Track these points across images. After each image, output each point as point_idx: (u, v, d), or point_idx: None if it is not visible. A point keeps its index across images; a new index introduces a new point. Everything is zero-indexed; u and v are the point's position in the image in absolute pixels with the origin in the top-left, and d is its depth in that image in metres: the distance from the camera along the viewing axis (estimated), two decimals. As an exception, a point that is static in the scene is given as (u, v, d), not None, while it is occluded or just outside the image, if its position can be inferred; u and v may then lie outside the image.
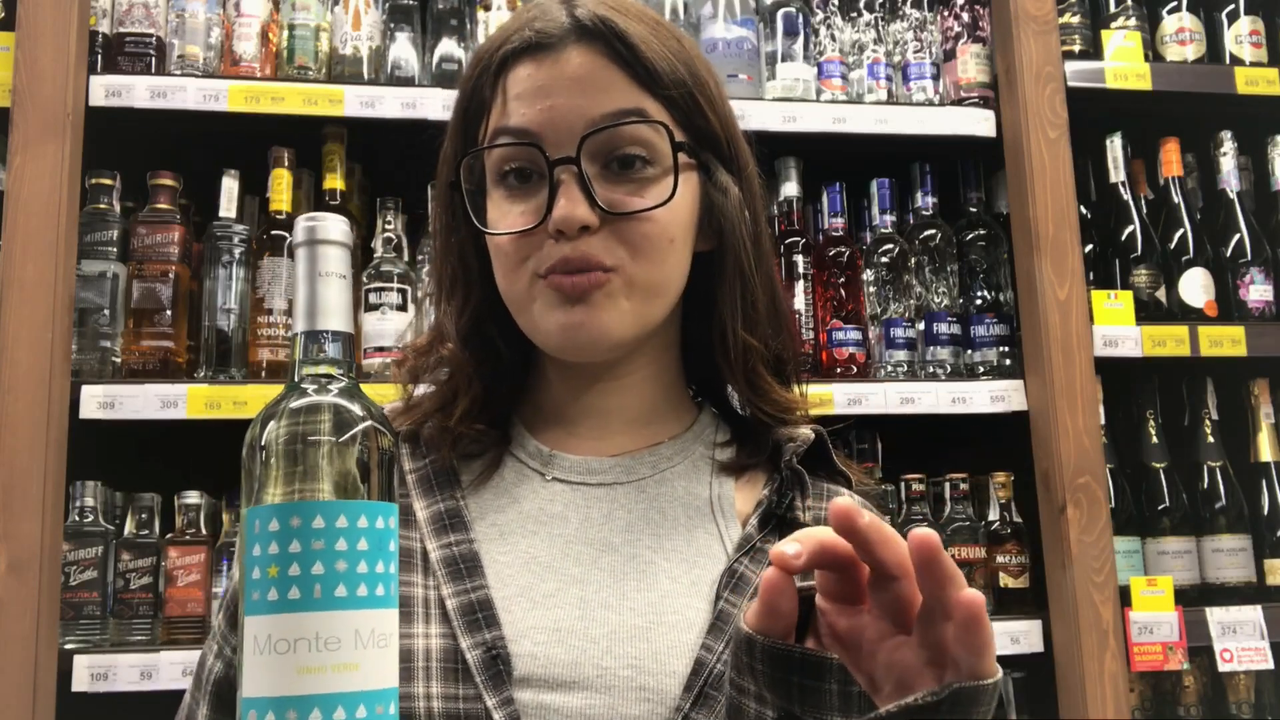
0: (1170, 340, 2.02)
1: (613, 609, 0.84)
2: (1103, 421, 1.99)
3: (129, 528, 1.78)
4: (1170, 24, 2.22)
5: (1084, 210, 2.12)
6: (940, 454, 2.07)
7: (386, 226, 1.95)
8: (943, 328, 2.04)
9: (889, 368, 2.02)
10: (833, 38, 2.14)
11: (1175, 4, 2.23)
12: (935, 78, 2.13)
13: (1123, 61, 2.12)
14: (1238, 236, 2.15)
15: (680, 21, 2.07)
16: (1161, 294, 2.12)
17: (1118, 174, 2.17)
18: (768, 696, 0.67)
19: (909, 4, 2.17)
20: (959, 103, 2.11)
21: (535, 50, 0.87)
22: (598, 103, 0.85)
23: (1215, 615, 1.92)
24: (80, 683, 1.64)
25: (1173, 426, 2.15)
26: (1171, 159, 2.19)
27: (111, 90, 1.83)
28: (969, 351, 2.05)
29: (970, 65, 2.11)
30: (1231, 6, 2.23)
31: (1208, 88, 2.16)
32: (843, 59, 2.12)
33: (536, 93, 0.86)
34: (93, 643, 1.71)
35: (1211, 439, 2.12)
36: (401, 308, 1.88)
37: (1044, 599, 1.95)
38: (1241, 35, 2.21)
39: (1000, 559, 1.97)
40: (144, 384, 1.74)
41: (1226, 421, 2.14)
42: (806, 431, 0.96)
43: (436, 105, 1.90)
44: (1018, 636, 1.90)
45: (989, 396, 1.97)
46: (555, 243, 0.85)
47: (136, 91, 1.83)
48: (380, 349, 1.85)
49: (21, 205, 1.73)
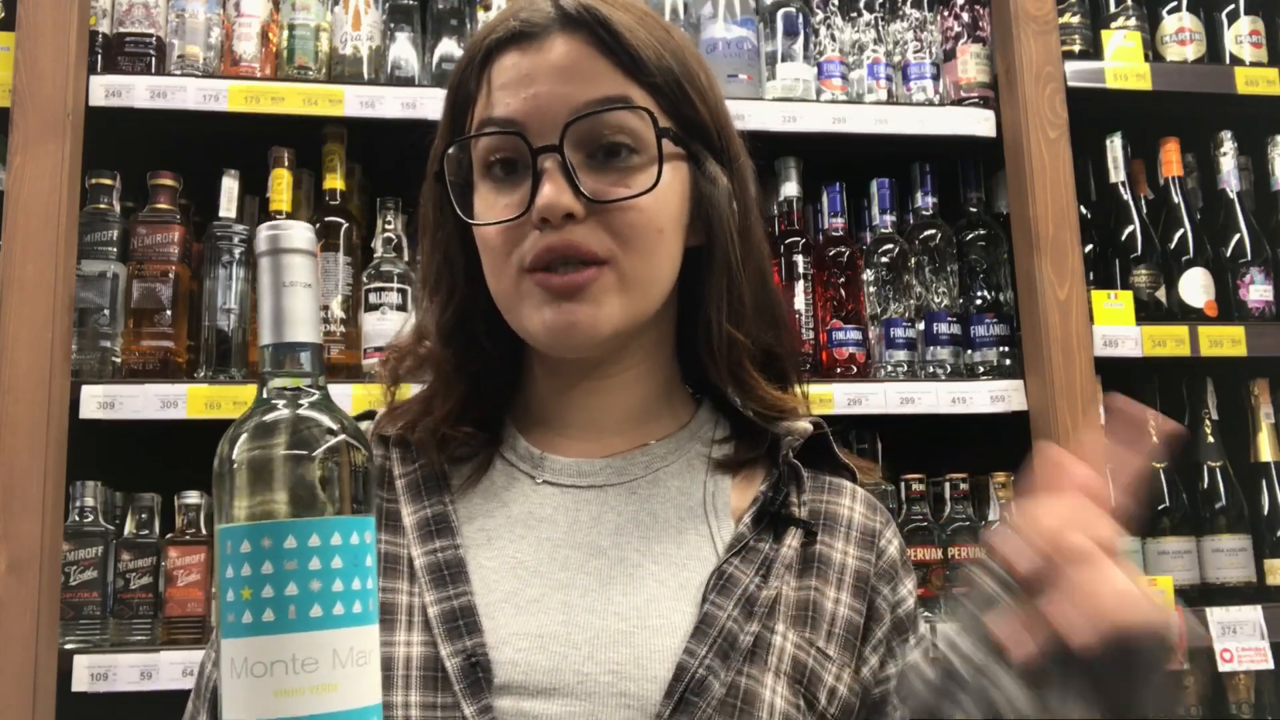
0: (1170, 340, 2.02)
1: (596, 614, 0.83)
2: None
3: (129, 528, 1.78)
4: (1170, 24, 2.22)
5: (1084, 210, 2.12)
6: (940, 454, 2.07)
7: (386, 226, 1.95)
8: (943, 328, 2.04)
9: (889, 368, 2.02)
10: (833, 38, 2.14)
11: (1175, 4, 2.23)
12: (935, 78, 2.13)
13: (1123, 61, 2.12)
14: (1238, 236, 2.15)
15: (680, 21, 2.07)
16: (1161, 294, 2.12)
17: (1118, 174, 2.17)
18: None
19: (909, 4, 2.17)
20: (959, 103, 2.11)
21: (520, 40, 0.86)
22: (582, 90, 0.84)
23: (1215, 615, 1.92)
24: (80, 683, 1.64)
25: (1173, 426, 2.15)
26: (1171, 159, 2.19)
27: (111, 90, 1.83)
28: (969, 351, 2.05)
29: (970, 65, 2.11)
30: (1231, 6, 2.23)
31: (1208, 88, 2.16)
32: (843, 59, 2.12)
33: (520, 81, 0.85)
34: (93, 643, 1.71)
35: (1211, 439, 2.12)
36: (401, 308, 1.88)
37: (1044, 599, 1.94)
38: (1241, 35, 2.21)
39: (1000, 559, 1.97)
40: (144, 384, 1.74)
41: (1226, 421, 2.14)
42: (805, 425, 0.94)
43: (436, 105, 1.87)
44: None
45: (989, 396, 1.97)
46: (540, 233, 0.84)
47: (136, 91, 1.83)
48: (380, 349, 1.85)
49: (21, 205, 1.73)
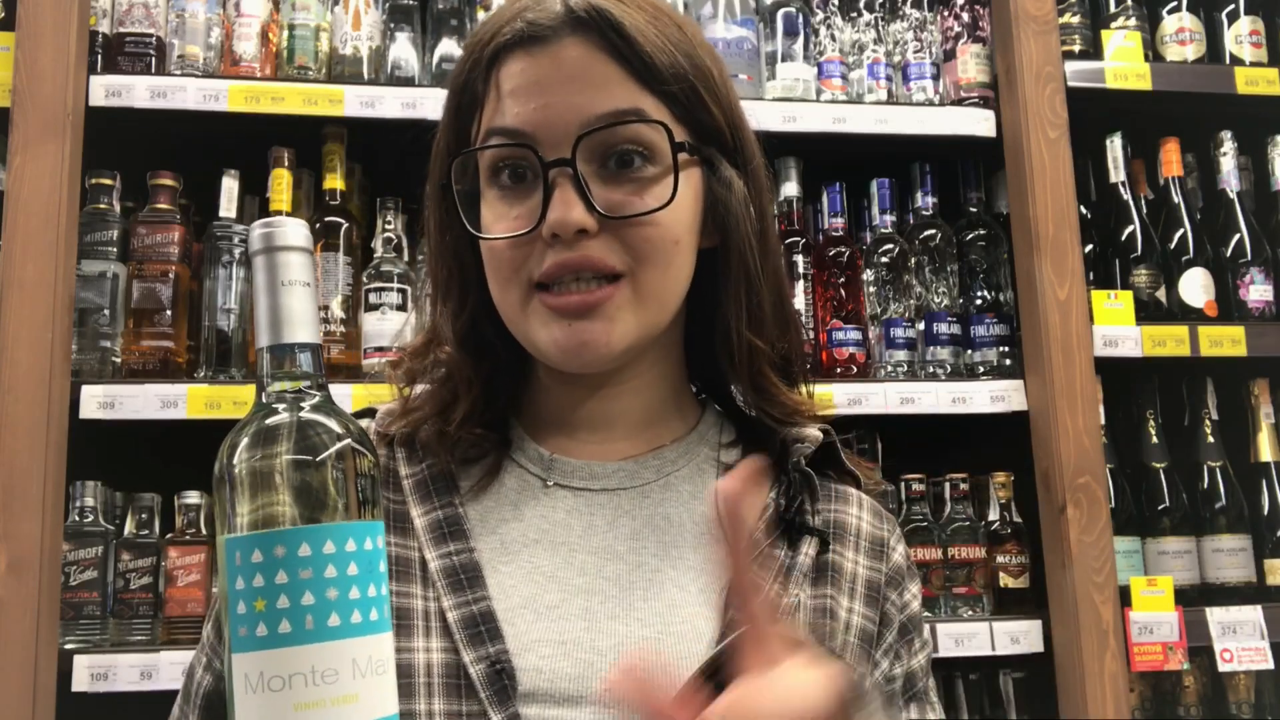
0: (1170, 340, 2.02)
1: (619, 620, 0.82)
2: (1103, 421, 1.99)
3: (129, 528, 1.78)
4: (1170, 24, 2.22)
5: (1084, 210, 2.12)
6: (940, 454, 2.07)
7: (386, 226, 1.95)
8: (943, 328, 2.04)
9: (889, 368, 2.02)
10: (833, 38, 2.14)
11: (1175, 4, 2.23)
12: (935, 78, 2.13)
13: (1123, 61, 2.12)
14: (1238, 236, 2.15)
15: (680, 21, 2.07)
16: (1161, 294, 2.11)
17: (1118, 174, 2.17)
18: None
19: (909, 4, 2.17)
20: (959, 103, 2.11)
21: (528, 43, 0.83)
22: (593, 101, 0.82)
23: (1215, 615, 1.92)
24: (80, 683, 1.64)
25: (1173, 426, 2.15)
26: (1171, 159, 2.19)
27: (111, 90, 1.83)
28: (969, 351, 2.05)
29: (970, 65, 2.11)
30: (1231, 6, 2.23)
31: (1208, 88, 2.16)
32: (843, 59, 2.12)
33: (530, 90, 0.82)
34: (93, 643, 1.71)
35: (1211, 439, 2.12)
36: (401, 308, 1.88)
37: (1044, 599, 1.95)
38: (1241, 35, 2.21)
39: (1000, 559, 1.97)
40: (144, 384, 1.74)
41: (1226, 421, 2.14)
42: (814, 432, 0.93)
43: (436, 105, 1.88)
44: (1018, 636, 1.89)
45: (989, 396, 1.97)
46: (551, 249, 0.81)
47: (136, 91, 1.83)
48: (380, 349, 1.85)
49: (21, 205, 1.73)
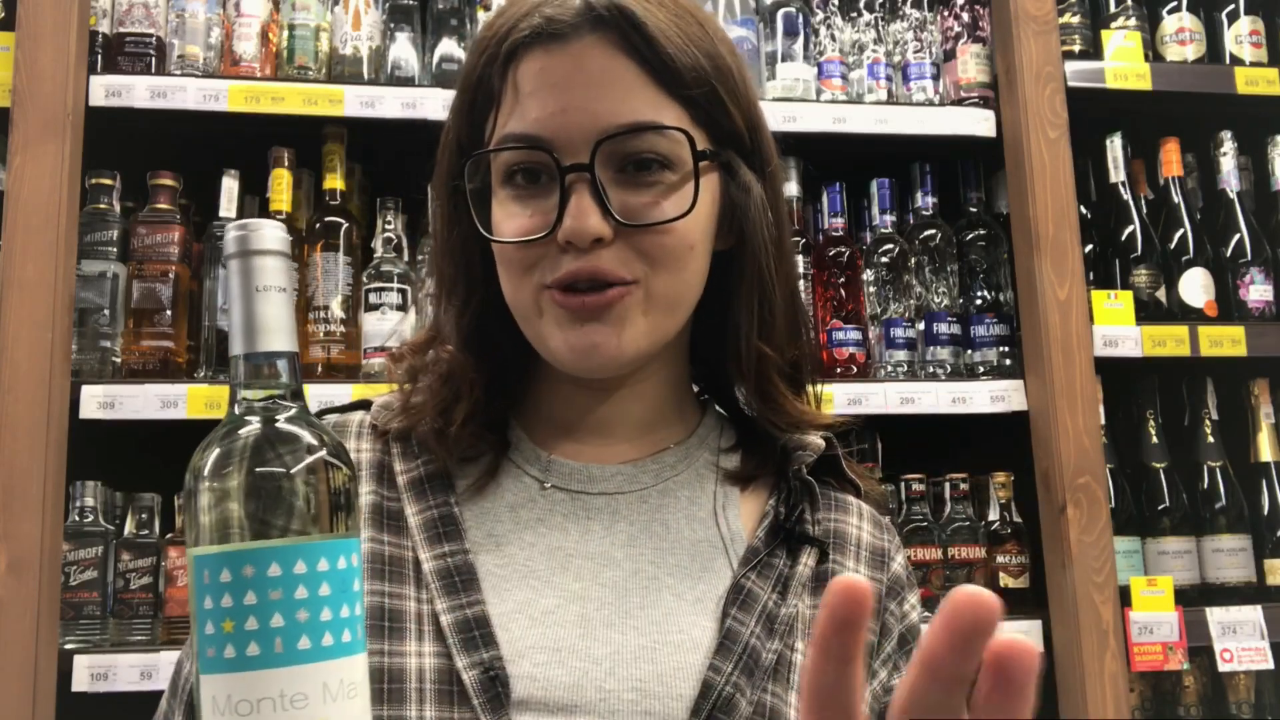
0: (1170, 340, 2.02)
1: (615, 628, 0.80)
2: (1103, 421, 1.99)
3: (129, 528, 1.78)
4: (1170, 24, 2.22)
5: (1084, 210, 2.12)
6: (940, 454, 2.07)
7: (386, 226, 1.95)
8: (943, 328, 2.04)
9: (889, 368, 2.02)
10: (833, 38, 2.14)
11: (1175, 4, 2.23)
12: (935, 78, 2.13)
13: (1123, 61, 2.12)
14: (1238, 236, 2.15)
15: (680, 21, 2.07)
16: (1161, 294, 2.12)
17: (1118, 174, 2.17)
18: None
19: (909, 4, 2.17)
20: (959, 103, 2.11)
21: (547, 40, 0.80)
22: (614, 109, 0.79)
23: (1215, 615, 1.92)
24: (80, 683, 1.64)
25: (1173, 426, 2.15)
26: (1171, 159, 2.19)
27: (111, 90, 1.83)
28: (969, 351, 2.05)
29: (970, 65, 2.11)
30: (1231, 6, 2.23)
31: (1208, 88, 2.16)
32: (843, 59, 2.12)
33: (549, 93, 0.80)
34: (93, 643, 1.71)
35: (1211, 439, 2.12)
36: (401, 308, 1.88)
37: (1044, 599, 1.95)
38: (1241, 35, 2.21)
39: (1000, 559, 1.97)
40: (144, 384, 1.74)
41: (1226, 421, 2.14)
42: (816, 440, 0.91)
43: (436, 105, 1.90)
44: (1018, 637, 1.89)
45: (989, 396, 1.97)
46: (565, 254, 0.79)
47: (136, 91, 1.83)
48: (380, 349, 1.85)
49: (21, 205, 1.73)
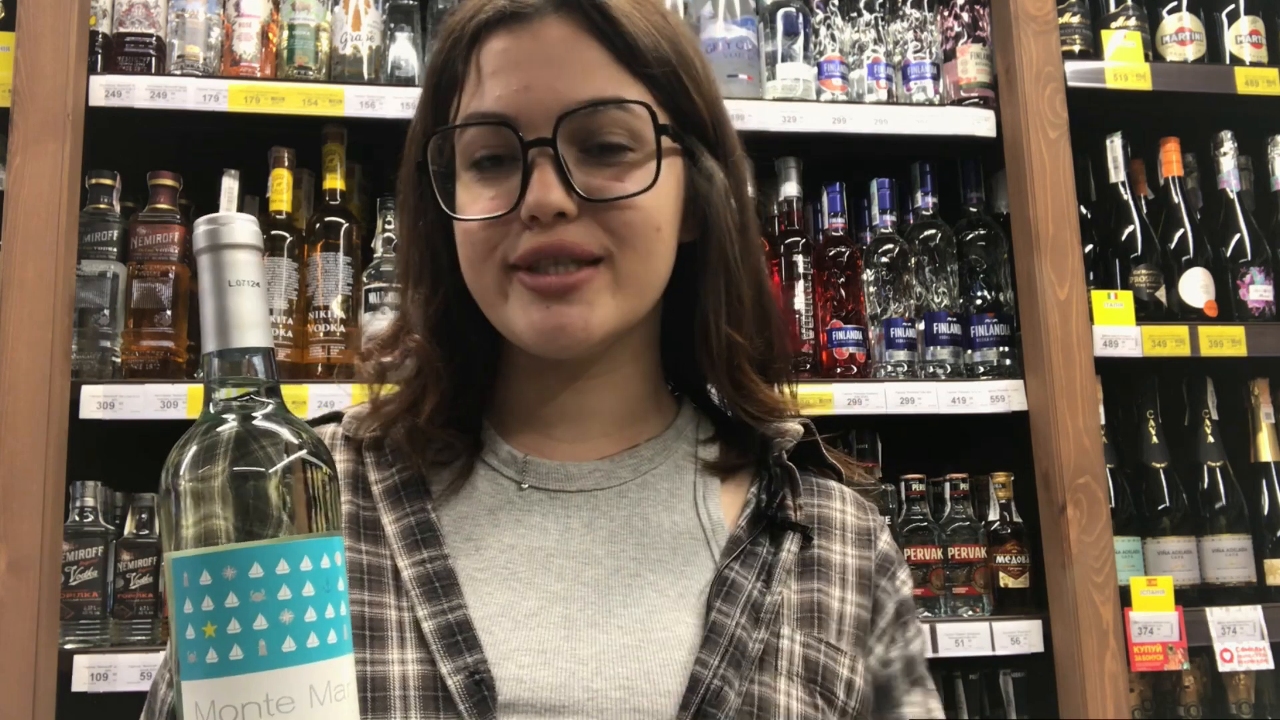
0: (1170, 340, 2.02)
1: (599, 627, 0.80)
2: (1103, 421, 1.99)
3: (129, 528, 1.78)
4: (1170, 24, 2.22)
5: (1084, 210, 2.12)
6: (940, 454, 2.07)
7: (386, 226, 1.95)
8: (943, 328, 2.04)
9: (889, 368, 2.02)
10: (833, 38, 2.14)
11: (1175, 4, 2.23)
12: (935, 78, 2.13)
13: (1123, 61, 2.12)
14: (1238, 236, 2.15)
15: (680, 21, 2.07)
16: (1161, 294, 2.12)
17: (1118, 174, 2.17)
18: None
19: (909, 4, 2.17)
20: (959, 103, 2.11)
21: (510, 21, 0.81)
22: (576, 85, 0.80)
23: (1215, 615, 1.92)
24: (80, 683, 1.64)
25: (1173, 426, 2.15)
26: (1171, 159, 2.19)
27: (111, 90, 1.83)
28: (969, 351, 2.05)
29: (970, 65, 2.11)
30: (1231, 6, 2.23)
31: (1208, 88, 2.16)
32: (843, 59, 2.12)
33: (511, 70, 0.81)
34: (93, 643, 1.71)
35: (1211, 439, 2.12)
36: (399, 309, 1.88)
37: (1044, 599, 1.95)
38: (1241, 35, 2.21)
39: (1000, 559, 1.97)
40: (144, 384, 1.74)
41: (1226, 421, 2.14)
42: (795, 426, 0.92)
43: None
44: (1018, 636, 1.89)
45: (989, 396, 1.97)
46: (529, 231, 0.79)
47: (136, 91, 1.83)
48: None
49: (21, 205, 1.73)
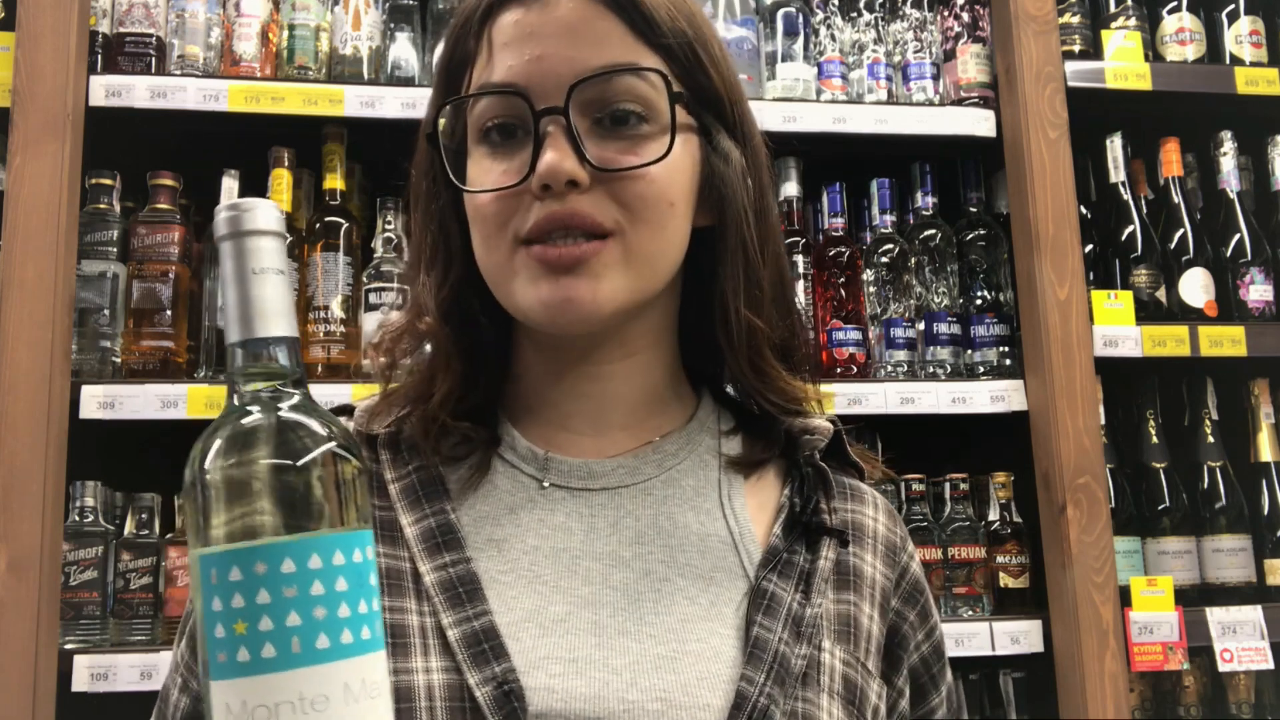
0: (1170, 340, 2.02)
1: (631, 635, 0.77)
2: (1103, 421, 1.99)
3: (129, 528, 1.78)
4: (1170, 24, 2.22)
5: (1084, 210, 2.12)
6: (940, 454, 2.07)
7: (386, 226, 1.95)
8: (943, 328, 2.04)
9: (889, 368, 2.02)
10: (833, 38, 2.14)
11: (1175, 4, 2.23)
12: (935, 78, 2.13)
13: (1123, 61, 2.12)
14: (1238, 236, 2.15)
15: (680, 21, 2.07)
16: (1161, 294, 2.12)
17: (1118, 174, 2.17)
18: None
19: (909, 4, 2.17)
20: (959, 103, 2.11)
21: None
22: (590, 54, 0.78)
23: (1215, 615, 1.92)
24: (80, 683, 1.64)
25: (1173, 426, 2.15)
26: (1171, 159, 2.20)
27: (111, 90, 1.83)
28: (969, 351, 2.05)
29: (970, 65, 2.11)
30: (1231, 6, 2.23)
31: (1208, 88, 2.16)
32: (843, 59, 2.12)
33: (524, 41, 0.79)
34: (93, 643, 1.71)
35: (1211, 439, 2.12)
36: (401, 307, 1.88)
37: (1044, 599, 1.95)
38: (1241, 35, 2.21)
39: (1000, 559, 1.97)
40: (144, 384, 1.74)
41: (1226, 421, 2.14)
42: (823, 423, 0.89)
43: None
44: (1018, 636, 1.89)
45: (989, 396, 1.97)
46: (540, 202, 0.77)
47: (136, 91, 1.83)
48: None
49: (21, 205, 1.73)
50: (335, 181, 1.94)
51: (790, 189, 2.07)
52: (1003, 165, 2.08)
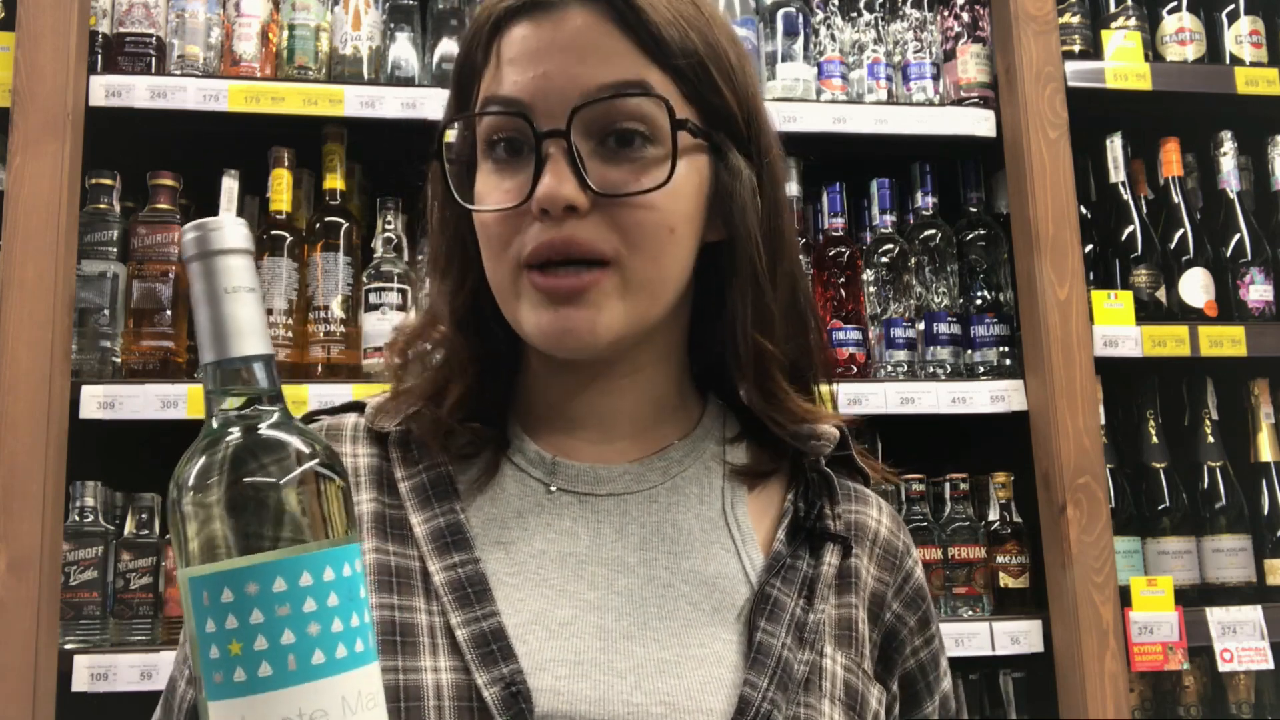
0: (1170, 340, 2.02)
1: (635, 639, 0.78)
2: (1103, 421, 1.99)
3: (129, 528, 1.78)
4: (1170, 24, 2.22)
5: (1084, 210, 2.12)
6: (940, 454, 2.07)
7: (386, 226, 1.95)
8: (943, 328, 2.04)
9: (889, 368, 2.02)
10: (833, 38, 2.14)
11: (1175, 4, 2.23)
12: (935, 78, 2.13)
13: (1123, 61, 2.12)
14: (1238, 236, 2.15)
15: (680, 21, 2.07)
16: (1161, 294, 2.12)
17: (1118, 174, 2.17)
18: None
19: (909, 4, 2.17)
20: (959, 103, 2.11)
21: (533, 10, 0.79)
22: (595, 72, 0.77)
23: (1215, 615, 1.92)
24: (80, 683, 1.64)
25: (1173, 426, 2.15)
26: (1171, 159, 2.19)
27: (111, 90, 1.83)
28: (969, 351, 2.05)
29: (970, 65, 2.11)
30: (1231, 6, 2.23)
31: (1208, 88, 2.16)
32: (843, 59, 2.12)
33: (530, 58, 0.78)
34: (93, 643, 1.71)
35: (1211, 439, 2.12)
36: (401, 308, 1.88)
37: (1044, 599, 1.95)
38: (1241, 35, 2.21)
39: (1000, 559, 1.97)
40: (144, 384, 1.74)
41: (1226, 421, 2.14)
42: (830, 430, 0.88)
43: (436, 105, 1.89)
44: (1018, 636, 1.90)
45: (989, 396, 1.97)
46: (541, 224, 0.77)
47: (136, 91, 1.83)
48: (380, 349, 1.85)
49: (21, 205, 1.73)
50: (335, 181, 1.94)
51: (790, 189, 2.07)
52: (1003, 165, 2.08)
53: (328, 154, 1.95)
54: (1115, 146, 2.17)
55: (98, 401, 1.72)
